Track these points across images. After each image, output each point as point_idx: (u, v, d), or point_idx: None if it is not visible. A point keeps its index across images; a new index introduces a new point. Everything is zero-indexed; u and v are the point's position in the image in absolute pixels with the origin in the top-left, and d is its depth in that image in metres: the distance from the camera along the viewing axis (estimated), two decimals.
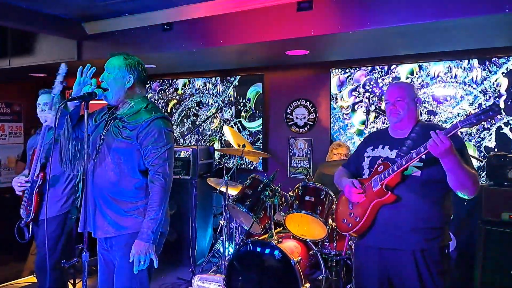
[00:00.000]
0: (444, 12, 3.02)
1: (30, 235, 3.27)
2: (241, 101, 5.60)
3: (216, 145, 5.75)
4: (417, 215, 2.34)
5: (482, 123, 2.16)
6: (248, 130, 5.58)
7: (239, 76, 5.60)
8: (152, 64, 5.01)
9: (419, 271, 2.33)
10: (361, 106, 4.81)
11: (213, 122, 5.80)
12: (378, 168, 2.45)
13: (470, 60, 4.22)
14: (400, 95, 2.49)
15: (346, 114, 4.91)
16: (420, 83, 4.41)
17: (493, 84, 4.12)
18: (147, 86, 4.95)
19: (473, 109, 4.20)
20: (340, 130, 4.95)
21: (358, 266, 2.66)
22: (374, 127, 4.72)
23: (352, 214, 2.53)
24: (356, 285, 2.68)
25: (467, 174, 2.20)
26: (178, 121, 6.12)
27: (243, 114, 5.61)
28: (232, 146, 4.57)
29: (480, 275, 3.64)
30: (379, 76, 4.69)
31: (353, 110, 4.87)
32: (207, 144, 5.82)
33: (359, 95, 4.83)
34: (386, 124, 4.57)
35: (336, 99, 4.95)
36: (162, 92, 6.20)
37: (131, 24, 4.38)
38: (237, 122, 5.66)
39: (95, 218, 2.44)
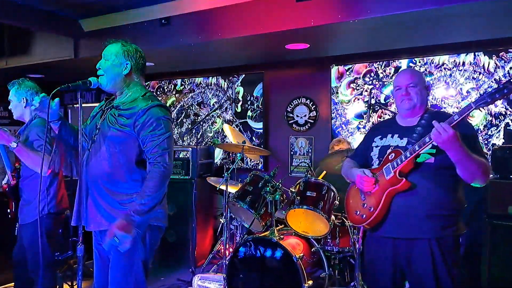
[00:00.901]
0: None
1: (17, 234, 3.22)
2: (248, 99, 5.48)
3: (219, 149, 5.65)
4: (432, 201, 2.26)
5: (496, 101, 2.05)
6: (255, 131, 5.46)
7: (244, 75, 5.51)
8: (151, 61, 4.96)
9: (434, 261, 2.24)
10: (359, 100, 4.75)
11: (215, 123, 5.71)
12: (389, 156, 2.36)
13: (477, 54, 4.13)
14: (413, 80, 2.40)
15: (347, 109, 4.84)
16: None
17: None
18: (146, 84, 4.92)
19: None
20: (342, 126, 4.87)
21: (370, 258, 2.56)
22: (373, 122, 4.64)
23: (366, 205, 2.43)
24: (368, 278, 2.60)
25: (476, 164, 2.13)
26: (178, 121, 6.04)
27: (249, 113, 5.49)
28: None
29: (488, 270, 3.55)
30: (379, 66, 4.63)
31: (353, 103, 4.81)
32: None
33: (358, 87, 4.76)
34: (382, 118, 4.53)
35: (337, 92, 4.88)
36: (161, 89, 6.12)
37: (129, 20, 4.34)
38: (240, 124, 5.54)
39: (88, 210, 2.34)
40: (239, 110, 5.54)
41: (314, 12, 3.46)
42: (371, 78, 4.68)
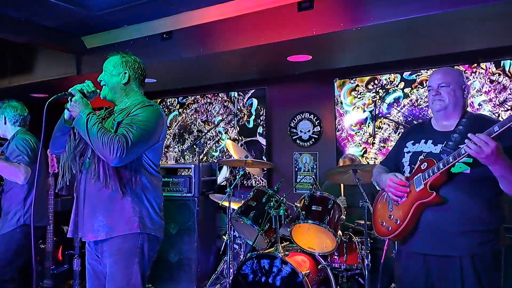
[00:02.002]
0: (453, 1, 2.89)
1: None
2: (261, 113, 5.36)
3: (225, 169, 5.55)
4: (466, 216, 2.08)
5: None
6: (265, 149, 5.32)
7: (250, 90, 5.44)
8: (153, 78, 4.93)
9: (464, 280, 2.05)
10: (359, 108, 4.67)
11: (222, 140, 5.62)
12: (421, 166, 2.18)
13: (491, 63, 4.02)
14: (445, 80, 2.23)
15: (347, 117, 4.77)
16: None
17: None
18: None
19: None
20: (349, 138, 4.77)
21: (400, 273, 2.39)
22: (380, 135, 4.55)
23: (392, 217, 2.27)
24: None
25: None
26: (180, 138, 5.97)
27: (259, 131, 5.36)
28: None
29: None
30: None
31: (351, 112, 4.74)
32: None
33: (359, 95, 4.69)
34: (391, 139, 4.42)
35: (341, 103, 4.81)
36: (163, 104, 6.04)
37: (130, 35, 4.35)
38: (247, 142, 5.43)
39: (84, 219, 2.29)
40: (250, 125, 5.41)
41: (316, 21, 3.42)
42: (374, 86, 4.61)
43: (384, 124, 4.50)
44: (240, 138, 5.46)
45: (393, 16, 3.12)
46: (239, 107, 5.43)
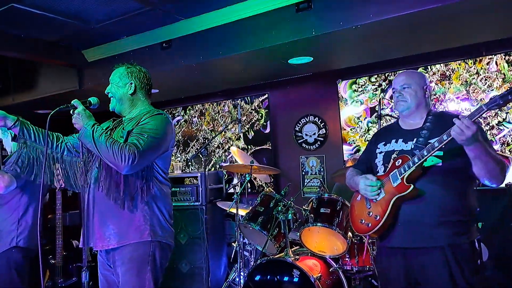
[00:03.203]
0: None
1: None
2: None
3: (235, 180, 5.50)
4: (443, 207, 2.16)
5: (509, 104, 1.96)
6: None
7: (250, 96, 5.41)
8: (155, 88, 4.92)
9: (450, 270, 2.11)
10: (359, 101, 4.63)
11: (229, 150, 5.58)
12: (396, 162, 2.27)
13: (494, 56, 3.97)
14: (407, 82, 2.37)
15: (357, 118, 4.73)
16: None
17: None
18: None
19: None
20: (356, 138, 4.72)
21: (381, 270, 2.45)
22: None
23: (371, 213, 2.33)
24: None
25: (495, 160, 2.05)
26: (182, 144, 5.93)
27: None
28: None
29: None
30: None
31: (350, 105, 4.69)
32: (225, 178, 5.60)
33: (360, 88, 4.66)
34: None
35: (345, 98, 4.78)
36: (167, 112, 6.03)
37: (130, 46, 4.36)
38: (257, 151, 5.37)
39: (94, 229, 2.31)
40: (267, 130, 5.36)
41: (315, 21, 3.41)
42: (378, 78, 4.58)
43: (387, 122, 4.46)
44: (250, 147, 5.41)
45: (393, 12, 3.09)
46: (250, 110, 5.40)
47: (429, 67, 4.29)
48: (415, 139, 2.28)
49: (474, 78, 4.08)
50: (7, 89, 5.37)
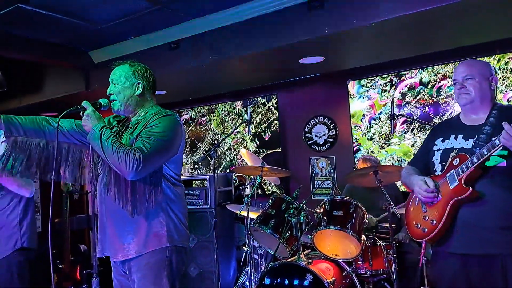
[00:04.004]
0: None
1: None
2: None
3: (249, 188, 5.42)
4: (505, 211, 2.00)
5: None
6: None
7: (259, 98, 5.34)
8: (163, 90, 4.89)
9: (506, 281, 1.96)
10: (367, 96, 4.54)
11: (239, 154, 5.50)
12: (453, 162, 2.13)
13: None
14: (470, 72, 2.17)
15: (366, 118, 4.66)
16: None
17: None
18: None
19: None
20: (367, 141, 4.65)
21: (437, 276, 2.29)
22: (402, 135, 4.41)
23: (427, 218, 2.19)
24: None
25: None
26: (188, 145, 5.87)
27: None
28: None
29: None
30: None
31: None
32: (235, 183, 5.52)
33: (369, 83, 4.60)
34: (418, 135, 4.28)
35: (352, 94, 4.72)
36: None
37: (138, 47, 4.32)
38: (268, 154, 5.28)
39: (111, 239, 2.25)
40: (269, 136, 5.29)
41: (328, 20, 3.35)
42: (389, 75, 4.51)
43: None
44: (261, 151, 5.34)
45: (406, 9, 3.03)
46: (264, 111, 5.33)
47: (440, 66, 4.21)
48: (476, 136, 2.11)
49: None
50: (14, 92, 5.35)
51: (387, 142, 4.48)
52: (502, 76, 3.92)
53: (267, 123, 5.29)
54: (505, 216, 2.00)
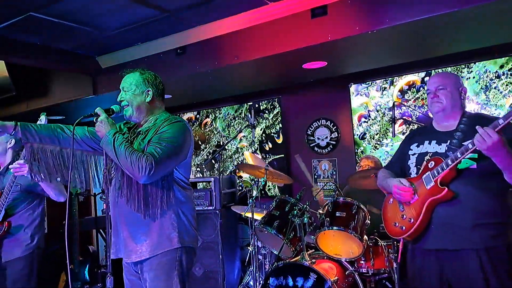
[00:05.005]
0: None
1: None
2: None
3: (255, 193, 5.50)
4: (478, 210, 2.16)
5: None
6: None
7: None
8: (168, 93, 4.96)
9: (484, 273, 2.10)
10: (365, 94, 4.62)
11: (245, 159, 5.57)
12: (429, 164, 2.27)
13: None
14: (442, 83, 2.35)
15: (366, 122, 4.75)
16: None
17: None
18: None
19: None
20: (370, 142, 4.74)
21: (414, 272, 2.43)
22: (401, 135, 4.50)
23: (405, 216, 2.34)
24: None
25: None
26: (197, 151, 5.96)
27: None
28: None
29: None
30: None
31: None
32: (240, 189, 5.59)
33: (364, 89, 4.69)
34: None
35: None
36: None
37: (144, 53, 4.38)
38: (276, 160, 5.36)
39: (125, 241, 2.33)
40: (280, 141, 5.37)
41: (331, 27, 3.43)
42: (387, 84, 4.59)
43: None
44: (267, 156, 5.39)
45: (409, 17, 3.11)
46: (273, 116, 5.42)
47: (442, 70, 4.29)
48: (449, 141, 2.27)
49: (495, 82, 4.03)
50: (21, 96, 5.40)
51: (380, 143, 4.57)
52: (506, 81, 3.98)
53: (273, 130, 5.38)
54: (477, 214, 2.15)
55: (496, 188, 2.18)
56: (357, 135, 4.77)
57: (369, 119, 4.68)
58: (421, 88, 4.37)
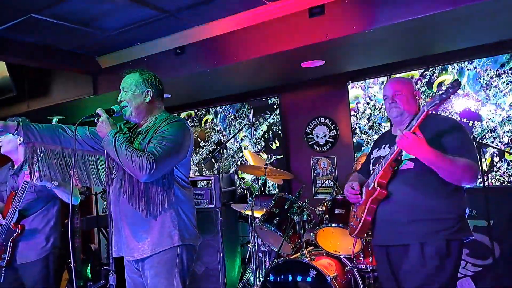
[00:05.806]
0: None
1: (2, 279, 3.14)
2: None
3: (256, 189, 5.53)
4: (414, 207, 2.28)
5: (446, 101, 2.07)
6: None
7: (261, 99, 5.41)
8: (168, 93, 4.99)
9: (424, 267, 2.21)
10: (360, 87, 4.67)
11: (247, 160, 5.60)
12: (374, 167, 2.47)
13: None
14: (399, 89, 2.46)
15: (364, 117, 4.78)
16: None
17: None
18: None
19: None
20: (367, 139, 4.77)
21: (376, 268, 2.67)
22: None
23: (355, 216, 2.55)
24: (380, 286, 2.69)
25: (453, 164, 2.13)
26: (197, 149, 6.00)
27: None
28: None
29: None
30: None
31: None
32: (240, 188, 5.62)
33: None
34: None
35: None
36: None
37: (144, 53, 4.41)
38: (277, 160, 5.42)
39: (127, 239, 2.36)
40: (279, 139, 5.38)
41: (328, 26, 3.45)
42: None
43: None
44: (271, 157, 5.42)
45: (406, 16, 3.14)
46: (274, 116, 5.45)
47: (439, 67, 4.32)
48: (393, 144, 2.34)
49: (495, 80, 4.03)
50: (22, 96, 5.43)
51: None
52: (507, 79, 3.98)
53: (272, 131, 5.41)
54: (414, 211, 2.27)
55: (436, 186, 2.23)
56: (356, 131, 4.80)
57: (361, 114, 4.72)
58: (418, 83, 4.39)
